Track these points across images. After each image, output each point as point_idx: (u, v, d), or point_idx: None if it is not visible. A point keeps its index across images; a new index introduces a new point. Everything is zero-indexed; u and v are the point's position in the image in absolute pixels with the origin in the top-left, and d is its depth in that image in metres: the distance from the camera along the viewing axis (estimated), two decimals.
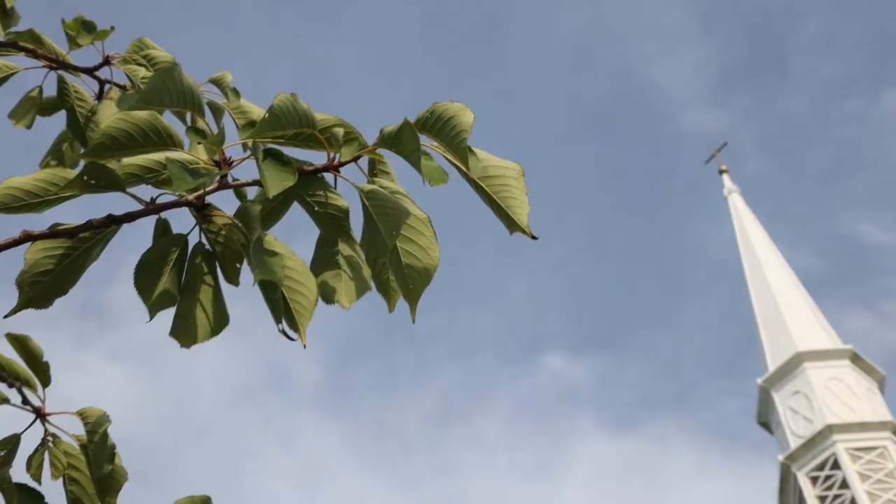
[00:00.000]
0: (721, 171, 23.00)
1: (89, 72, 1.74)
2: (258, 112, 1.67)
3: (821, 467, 17.01)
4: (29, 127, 1.74)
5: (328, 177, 1.23)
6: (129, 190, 1.18)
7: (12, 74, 1.73)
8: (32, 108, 1.75)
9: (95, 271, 1.27)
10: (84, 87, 1.76)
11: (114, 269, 1.21)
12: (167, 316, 1.24)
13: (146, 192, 1.20)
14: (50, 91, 1.76)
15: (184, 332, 1.22)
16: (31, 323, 1.18)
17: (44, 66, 1.72)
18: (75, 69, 1.74)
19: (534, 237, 1.20)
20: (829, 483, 16.77)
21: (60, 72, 1.74)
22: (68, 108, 1.74)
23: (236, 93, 1.60)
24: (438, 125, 1.17)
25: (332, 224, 1.25)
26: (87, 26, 1.69)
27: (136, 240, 1.25)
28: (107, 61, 1.73)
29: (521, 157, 1.24)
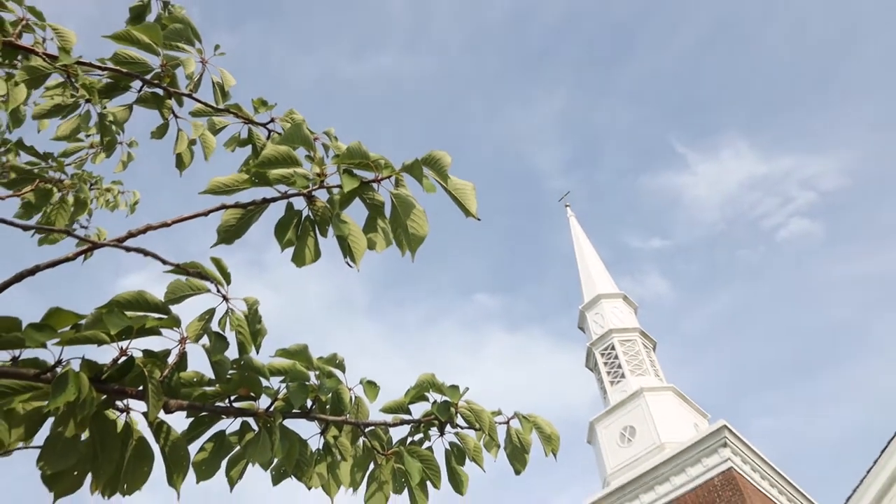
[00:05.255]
0: (566, 206, 22.97)
1: (264, 125, 1.71)
2: (343, 147, 1.64)
3: (606, 349, 17.21)
4: (233, 151, 1.74)
5: (374, 185, 1.22)
6: (274, 186, 1.17)
7: (225, 126, 1.72)
8: (234, 142, 1.72)
9: (257, 241, 1.23)
10: (261, 132, 1.73)
11: (267, 240, 1.17)
12: (289, 253, 1.21)
13: (282, 188, 1.19)
14: (243, 134, 1.74)
15: (298, 259, 1.21)
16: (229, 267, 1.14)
17: (242, 122, 1.70)
18: (256, 124, 1.71)
19: (478, 219, 1.18)
20: (609, 357, 17.01)
21: (249, 125, 1.71)
22: (252, 143, 1.72)
23: (336, 138, 1.58)
24: (433, 162, 1.17)
25: (374, 209, 1.24)
26: (264, 102, 1.68)
27: (276, 211, 1.23)
28: (272, 120, 1.70)
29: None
